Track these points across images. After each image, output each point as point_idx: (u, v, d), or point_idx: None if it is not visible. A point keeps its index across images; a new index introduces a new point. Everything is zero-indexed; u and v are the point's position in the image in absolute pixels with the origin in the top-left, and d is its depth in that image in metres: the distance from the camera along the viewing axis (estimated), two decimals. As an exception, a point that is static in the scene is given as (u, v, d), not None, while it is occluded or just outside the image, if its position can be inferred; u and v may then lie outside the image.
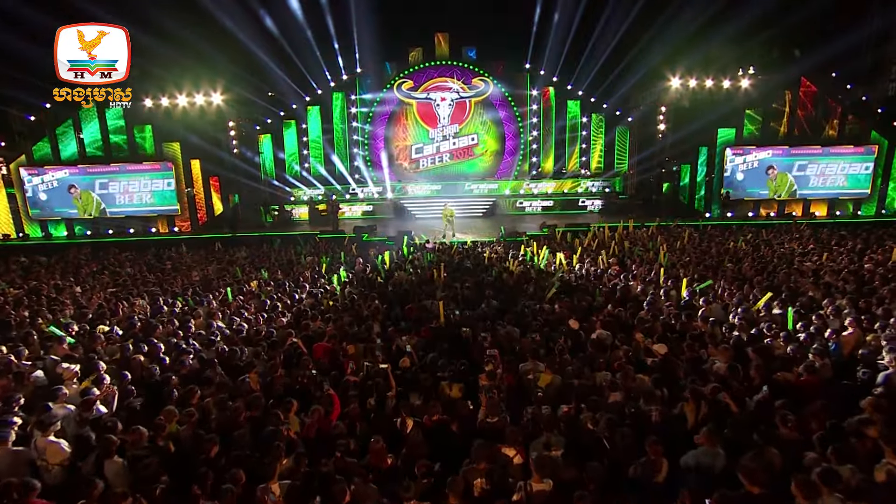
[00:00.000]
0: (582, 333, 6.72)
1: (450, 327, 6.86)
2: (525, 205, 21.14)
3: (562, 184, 22.03)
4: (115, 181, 17.31)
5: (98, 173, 17.18)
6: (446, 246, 12.91)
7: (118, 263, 12.40)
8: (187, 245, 14.87)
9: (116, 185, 17.32)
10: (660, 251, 11.19)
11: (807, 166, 18.03)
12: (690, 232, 13.25)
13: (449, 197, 21.63)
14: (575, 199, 20.94)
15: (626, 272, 9.88)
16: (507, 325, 6.77)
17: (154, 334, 6.68)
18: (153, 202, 17.49)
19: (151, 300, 8.46)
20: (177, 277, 10.40)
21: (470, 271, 10.21)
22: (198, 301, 8.36)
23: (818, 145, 17.90)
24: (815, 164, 18.02)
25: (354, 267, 10.98)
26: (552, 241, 13.97)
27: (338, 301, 8.25)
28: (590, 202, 20.63)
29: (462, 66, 23.27)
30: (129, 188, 17.36)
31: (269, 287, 9.32)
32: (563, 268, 9.71)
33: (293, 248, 13.80)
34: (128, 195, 17.41)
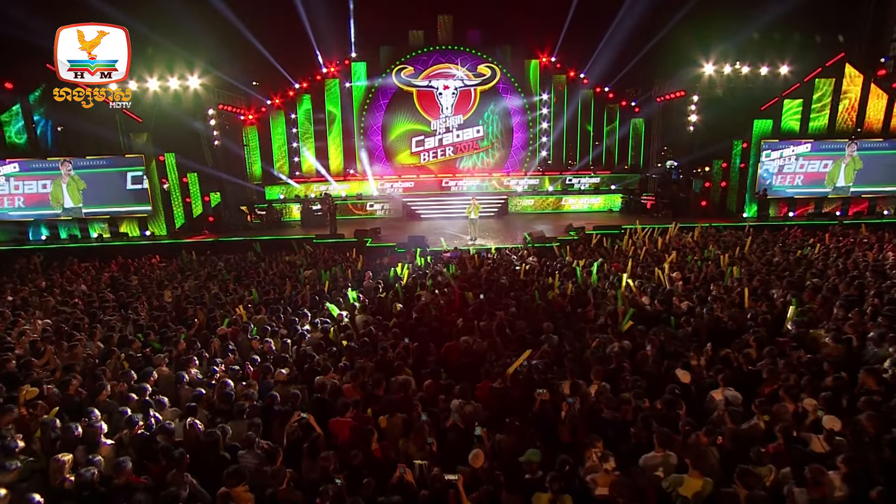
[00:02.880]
0: (693, 388, 4.98)
1: (517, 385, 5.02)
2: (540, 203, 19.35)
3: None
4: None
5: (45, 169, 14.85)
6: (468, 254, 11.02)
7: (74, 276, 10.25)
8: (161, 253, 12.75)
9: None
10: (722, 260, 9.52)
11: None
12: (752, 237, 11.57)
13: (450, 194, 19.90)
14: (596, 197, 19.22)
15: (694, 290, 8.17)
16: (595, 379, 4.96)
17: (98, 398, 4.72)
18: (120, 201, 15.21)
19: (104, 336, 6.42)
20: (142, 299, 8.33)
21: (506, 290, 8.37)
22: (166, 338, 6.36)
23: (866, 137, 16.45)
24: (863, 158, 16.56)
25: (363, 283, 9.04)
26: (587, 247, 12.21)
27: (352, 337, 6.32)
28: (612, 199, 18.94)
29: (467, 51, 21.30)
30: (93, 184, 15.06)
31: (259, 314, 7.34)
32: (631, 288, 7.90)
33: (283, 257, 11.80)
34: (89, 193, 15.11)
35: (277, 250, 12.66)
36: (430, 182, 20.97)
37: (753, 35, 15.27)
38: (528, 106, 21.80)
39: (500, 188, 20.50)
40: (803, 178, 16.69)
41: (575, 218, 16.58)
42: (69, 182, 14.87)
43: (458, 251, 11.13)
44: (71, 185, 14.90)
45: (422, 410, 4.43)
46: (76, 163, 14.81)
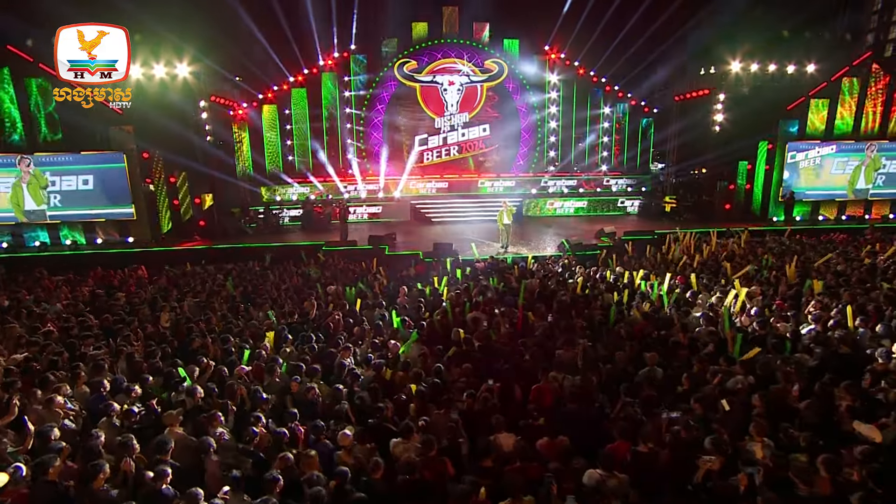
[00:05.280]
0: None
1: (660, 443, 3.84)
2: (556, 206, 18.34)
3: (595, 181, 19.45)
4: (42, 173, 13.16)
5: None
6: (504, 264, 9.83)
7: (44, 294, 8.59)
8: (148, 263, 11.13)
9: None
10: (789, 271, 8.62)
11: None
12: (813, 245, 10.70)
13: (465, 196, 18.77)
14: (612, 200, 18.31)
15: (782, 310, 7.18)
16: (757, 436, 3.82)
17: (94, 486, 3.33)
18: (96, 203, 13.42)
19: (91, 380, 4.96)
20: (133, 324, 6.82)
21: (567, 309, 7.21)
22: (171, 380, 4.94)
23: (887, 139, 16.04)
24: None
25: (396, 300, 7.74)
26: (622, 254, 11.20)
27: (420, 378, 5.00)
28: (629, 203, 18.07)
29: (473, 45, 20.16)
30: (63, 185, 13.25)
31: (285, 346, 5.95)
32: (737, 307, 6.83)
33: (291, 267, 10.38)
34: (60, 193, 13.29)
35: (283, 260, 11.20)
36: (459, 182, 19.92)
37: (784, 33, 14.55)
38: (537, 104, 20.83)
39: (524, 189, 19.33)
40: (825, 181, 16.17)
41: (589, 221, 15.65)
42: (30, 180, 13.02)
43: (493, 260, 9.92)
44: (32, 184, 13.04)
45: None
46: (39, 160, 12.98)
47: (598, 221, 16.53)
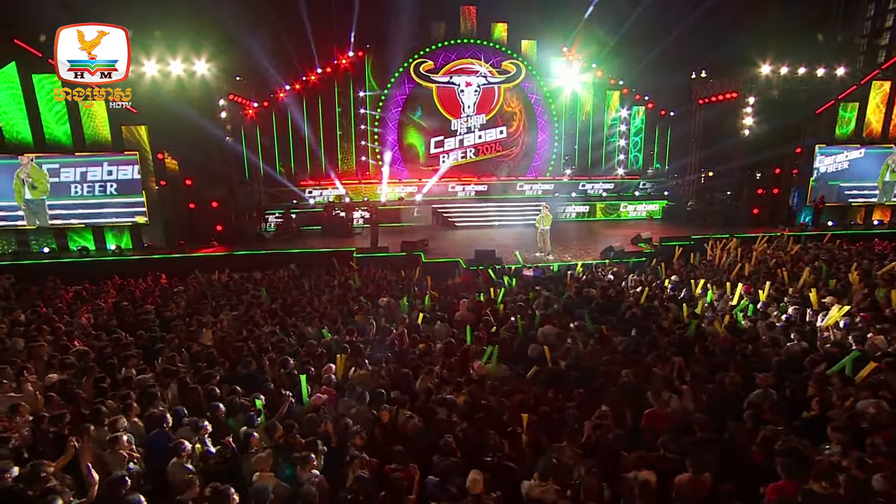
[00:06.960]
0: None
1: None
2: (575, 210, 17.92)
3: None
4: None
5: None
6: (551, 272, 9.33)
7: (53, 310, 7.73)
8: (166, 270, 10.49)
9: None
10: (853, 278, 8.23)
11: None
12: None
13: (496, 198, 18.30)
14: (634, 204, 17.94)
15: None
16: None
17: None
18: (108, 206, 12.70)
19: (146, 412, 4.36)
20: (172, 344, 6.17)
21: (639, 323, 6.72)
22: (236, 409, 4.35)
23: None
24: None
25: (455, 313, 7.18)
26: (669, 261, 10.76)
27: (524, 403, 4.46)
28: (651, 207, 17.72)
29: (491, 45, 19.75)
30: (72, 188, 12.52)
31: (358, 369, 5.37)
32: (830, 323, 6.39)
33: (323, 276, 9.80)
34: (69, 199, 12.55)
35: (309, 267, 10.59)
36: (497, 185, 19.56)
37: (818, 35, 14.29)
38: (554, 106, 20.45)
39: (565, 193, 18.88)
40: (852, 184, 15.96)
41: (614, 226, 15.24)
42: (31, 170, 12.29)
43: (539, 269, 9.42)
44: (34, 174, 12.32)
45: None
46: (46, 159, 12.27)
47: (622, 226, 16.18)
